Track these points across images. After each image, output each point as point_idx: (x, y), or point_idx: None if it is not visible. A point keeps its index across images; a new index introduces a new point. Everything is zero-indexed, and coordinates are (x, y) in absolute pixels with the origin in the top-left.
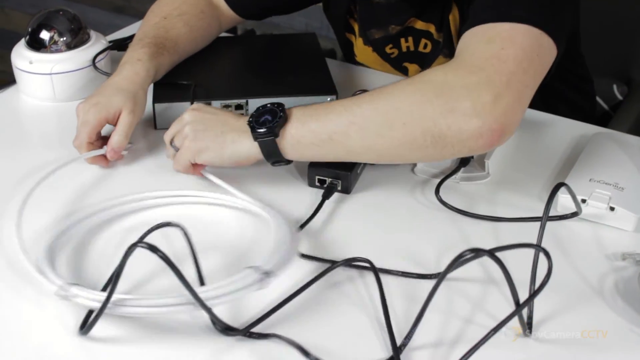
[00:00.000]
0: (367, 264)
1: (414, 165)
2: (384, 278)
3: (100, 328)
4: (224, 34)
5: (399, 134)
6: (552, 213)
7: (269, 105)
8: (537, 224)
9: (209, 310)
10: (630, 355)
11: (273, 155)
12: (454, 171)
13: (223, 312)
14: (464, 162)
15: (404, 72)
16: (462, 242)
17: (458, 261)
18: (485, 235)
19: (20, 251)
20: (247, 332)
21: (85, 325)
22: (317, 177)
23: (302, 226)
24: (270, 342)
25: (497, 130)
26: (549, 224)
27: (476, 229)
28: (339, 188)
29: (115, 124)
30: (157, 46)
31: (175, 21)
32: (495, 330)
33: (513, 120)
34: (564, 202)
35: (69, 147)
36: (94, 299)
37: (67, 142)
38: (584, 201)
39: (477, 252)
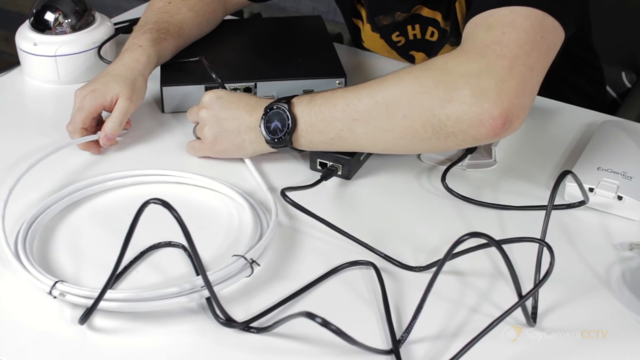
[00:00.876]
0: (369, 266)
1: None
2: (387, 267)
3: (99, 318)
4: (230, 17)
5: (399, 126)
6: (559, 202)
7: (275, 107)
8: (544, 213)
9: (214, 297)
10: (636, 346)
11: (291, 152)
12: (461, 158)
13: (226, 306)
14: (470, 149)
15: (411, 60)
16: (467, 230)
17: (456, 246)
18: (491, 224)
19: (5, 244)
20: (247, 326)
21: (84, 315)
22: (318, 160)
23: (285, 191)
24: (269, 336)
25: (500, 117)
26: (555, 213)
27: (482, 216)
28: (340, 173)
29: (111, 111)
30: (159, 31)
31: (181, 5)
32: (497, 322)
33: (520, 105)
34: (571, 190)
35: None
36: (88, 295)
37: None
38: (591, 190)
39: (474, 235)
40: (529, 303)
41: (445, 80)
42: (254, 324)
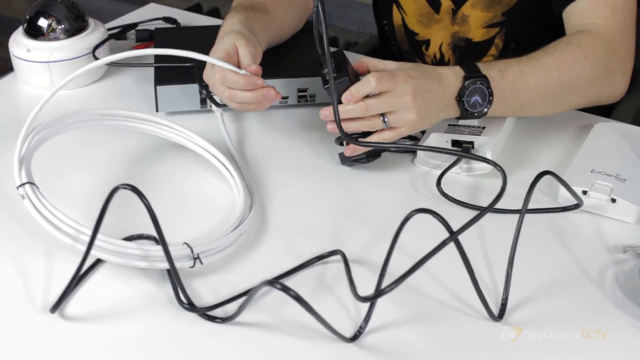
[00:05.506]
0: (338, 255)
1: (414, 156)
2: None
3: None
4: None
5: (571, 102)
6: (553, 205)
7: (478, 83)
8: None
9: (179, 282)
10: (630, 349)
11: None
12: (455, 162)
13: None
14: (464, 152)
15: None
16: (465, 234)
17: (405, 223)
18: (486, 227)
19: None
20: (204, 313)
21: (55, 304)
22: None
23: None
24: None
25: (626, 91)
26: (549, 216)
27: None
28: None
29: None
30: (245, 9)
31: None
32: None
33: None
34: (564, 193)
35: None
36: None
37: None
38: (585, 192)
39: (422, 211)
40: (495, 298)
41: (609, 65)
42: (218, 311)
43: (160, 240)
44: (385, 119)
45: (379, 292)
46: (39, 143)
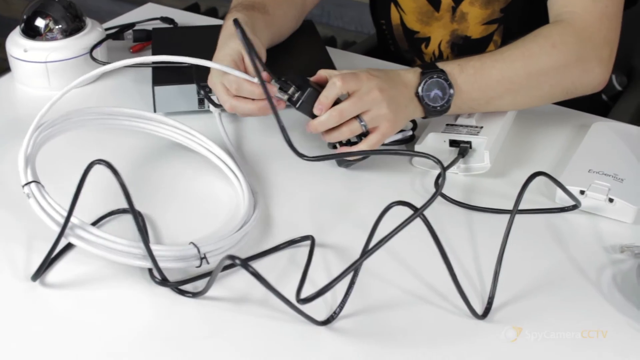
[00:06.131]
0: (308, 240)
1: (412, 157)
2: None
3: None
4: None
5: (543, 93)
6: (551, 205)
7: (435, 76)
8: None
9: (152, 257)
10: (627, 349)
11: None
12: (453, 162)
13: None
14: (462, 152)
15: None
16: (461, 234)
17: (383, 215)
18: (482, 227)
19: None
20: (177, 287)
21: (36, 272)
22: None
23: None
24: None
25: (607, 79)
26: (547, 216)
27: (475, 220)
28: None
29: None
30: (246, 8)
31: None
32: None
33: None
34: (562, 193)
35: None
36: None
37: None
38: (582, 192)
39: (400, 203)
40: (480, 296)
41: (582, 53)
42: (184, 287)
43: (132, 211)
44: (362, 121)
45: (317, 294)
46: (43, 141)
